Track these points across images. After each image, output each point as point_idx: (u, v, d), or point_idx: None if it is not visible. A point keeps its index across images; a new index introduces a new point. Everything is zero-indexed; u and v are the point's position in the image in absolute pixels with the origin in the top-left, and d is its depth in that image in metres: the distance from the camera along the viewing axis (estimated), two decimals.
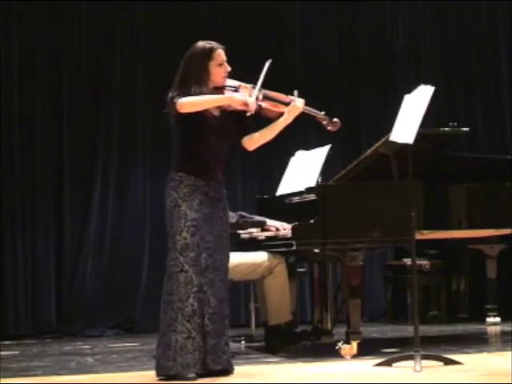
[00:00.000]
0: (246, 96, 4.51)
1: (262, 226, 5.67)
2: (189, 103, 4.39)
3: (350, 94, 8.37)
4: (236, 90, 4.59)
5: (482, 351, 5.31)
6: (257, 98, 4.53)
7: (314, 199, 5.33)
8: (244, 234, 5.87)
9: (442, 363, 4.65)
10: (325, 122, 4.84)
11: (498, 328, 6.94)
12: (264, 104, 4.60)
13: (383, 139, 5.37)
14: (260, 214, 6.06)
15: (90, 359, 5.60)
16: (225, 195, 4.62)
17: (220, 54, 4.58)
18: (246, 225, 5.70)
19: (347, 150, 8.01)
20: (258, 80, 4.61)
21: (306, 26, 8.30)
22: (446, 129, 5.82)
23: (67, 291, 7.52)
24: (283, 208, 5.86)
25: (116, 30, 7.83)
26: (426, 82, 4.86)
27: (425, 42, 8.59)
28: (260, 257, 5.63)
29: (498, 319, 7.17)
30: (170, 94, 4.48)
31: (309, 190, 5.46)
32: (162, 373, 4.39)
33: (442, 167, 5.95)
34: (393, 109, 5.36)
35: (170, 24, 7.87)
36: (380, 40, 8.46)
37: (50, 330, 7.35)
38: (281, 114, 4.65)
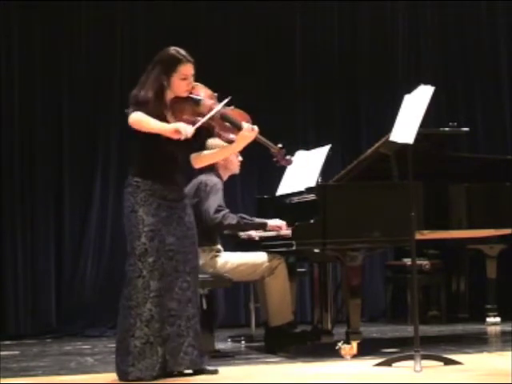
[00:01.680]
0: (179, 124, 4.37)
1: (264, 228, 5.66)
2: (137, 122, 4.38)
3: (350, 94, 8.37)
4: (197, 104, 4.49)
5: (482, 351, 5.31)
6: (212, 118, 4.44)
7: (314, 199, 5.32)
8: (244, 235, 5.86)
9: (442, 363, 4.65)
10: (278, 157, 4.73)
11: (498, 328, 6.94)
12: (216, 126, 4.50)
13: (383, 139, 5.38)
14: (260, 214, 6.06)
15: (89, 359, 5.60)
16: (185, 195, 4.62)
17: (187, 68, 4.47)
18: (246, 227, 5.69)
19: (347, 150, 8.01)
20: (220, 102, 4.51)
21: (306, 26, 8.30)
22: (446, 129, 5.82)
23: (67, 291, 7.52)
24: (283, 208, 5.86)
25: (116, 30, 7.83)
26: (425, 82, 4.86)
27: (425, 42, 8.59)
28: (260, 257, 5.62)
29: (498, 319, 7.18)
30: (130, 97, 4.47)
31: (309, 190, 5.46)
32: (122, 378, 4.39)
33: (442, 167, 5.95)
34: (393, 109, 5.36)
35: (170, 24, 7.88)
36: (380, 40, 8.46)
37: (50, 329, 7.35)
38: (230, 141, 4.61)
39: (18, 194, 7.45)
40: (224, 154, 4.85)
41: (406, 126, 4.70)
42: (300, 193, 5.61)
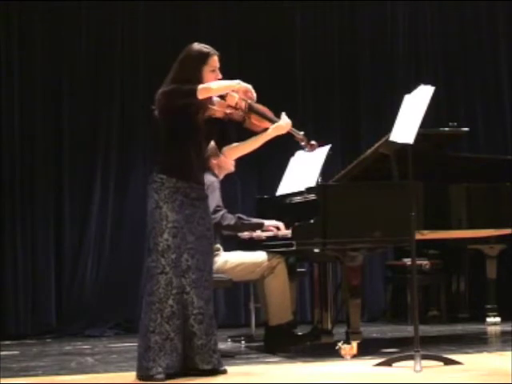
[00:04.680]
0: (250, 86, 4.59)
1: (261, 228, 5.67)
2: (207, 89, 4.44)
3: (350, 95, 8.37)
4: (223, 97, 4.61)
5: (481, 351, 5.31)
6: (244, 109, 4.61)
7: (314, 199, 5.32)
8: (244, 235, 5.86)
9: (442, 363, 4.64)
10: (303, 143, 4.99)
11: (497, 328, 6.94)
12: (250, 117, 4.66)
13: (383, 139, 5.38)
14: (259, 214, 6.06)
15: (89, 359, 5.60)
16: (206, 196, 4.67)
17: (215, 60, 4.58)
18: (244, 227, 5.69)
19: (347, 150, 8.01)
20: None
21: (306, 26, 8.31)
22: (446, 129, 5.82)
23: (67, 291, 7.52)
24: (283, 208, 5.86)
25: (116, 30, 7.83)
26: (426, 82, 4.86)
27: (425, 42, 8.59)
28: (260, 257, 5.62)
29: (498, 319, 7.18)
30: (163, 92, 4.49)
31: (309, 190, 5.45)
32: (141, 373, 4.40)
33: (442, 167, 5.95)
34: (393, 109, 5.36)
35: (170, 24, 7.88)
36: (380, 40, 8.46)
37: (50, 329, 7.36)
38: (264, 130, 4.75)
39: (18, 194, 7.45)
40: (257, 143, 4.87)
41: (406, 126, 4.70)
42: (300, 193, 5.61)
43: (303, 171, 5.87)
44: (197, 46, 4.60)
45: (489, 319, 7.19)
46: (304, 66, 8.25)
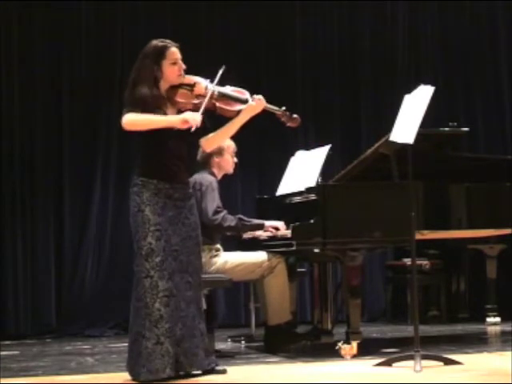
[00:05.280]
0: (186, 113, 4.41)
1: (261, 229, 5.67)
2: (133, 123, 4.36)
3: (350, 95, 8.37)
4: (191, 87, 4.51)
5: (481, 351, 5.31)
6: (211, 96, 4.48)
7: (314, 199, 5.32)
8: (248, 235, 5.86)
9: (442, 363, 4.64)
10: (284, 119, 4.78)
11: (497, 328, 6.94)
12: (218, 103, 4.54)
13: (383, 139, 5.38)
14: (259, 214, 6.06)
15: (89, 359, 5.60)
16: (191, 195, 4.59)
17: (173, 52, 4.48)
18: (244, 228, 5.69)
19: (347, 150, 8.01)
20: (215, 76, 4.54)
21: (306, 26, 8.31)
22: (446, 129, 5.82)
23: (67, 291, 7.52)
24: (283, 208, 5.86)
25: (116, 30, 7.83)
26: (426, 82, 4.86)
27: (425, 42, 8.59)
28: (260, 257, 5.62)
29: (498, 319, 7.18)
30: (124, 98, 4.45)
31: (309, 190, 5.45)
32: (133, 378, 4.38)
33: (441, 167, 5.95)
34: (393, 109, 5.36)
35: (170, 24, 7.87)
36: (380, 40, 8.46)
37: (50, 329, 7.36)
38: (237, 113, 4.60)
39: (18, 194, 7.45)
40: (232, 129, 4.66)
41: (405, 126, 4.70)
42: (300, 193, 5.61)
43: (303, 171, 5.87)
44: (153, 42, 4.52)
45: (489, 319, 7.19)
46: (304, 66, 8.25)
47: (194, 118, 4.36)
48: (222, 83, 4.57)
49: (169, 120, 4.40)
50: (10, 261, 7.37)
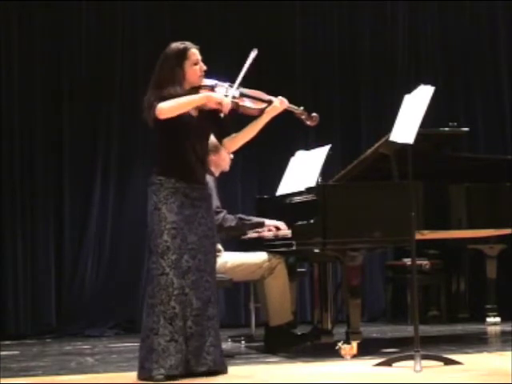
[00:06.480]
0: (221, 95, 4.48)
1: (262, 227, 5.66)
2: (168, 108, 4.37)
3: (350, 94, 8.37)
4: (212, 88, 4.56)
5: (481, 351, 5.31)
6: (234, 97, 4.52)
7: (314, 199, 5.32)
8: (252, 235, 5.85)
9: (442, 363, 4.64)
10: (303, 117, 4.85)
11: (497, 328, 6.94)
12: (242, 102, 4.58)
13: (383, 139, 5.38)
14: (259, 214, 6.05)
15: (89, 359, 5.60)
16: (208, 195, 4.62)
17: (194, 53, 4.53)
18: (245, 227, 5.69)
19: (347, 150, 8.01)
20: (237, 78, 4.60)
21: (306, 26, 8.30)
22: (446, 129, 5.82)
23: (67, 291, 7.52)
24: (283, 208, 5.86)
25: (116, 30, 7.83)
26: (425, 82, 4.86)
27: (425, 42, 8.59)
28: (260, 257, 5.62)
29: (498, 319, 7.18)
30: (147, 99, 4.46)
31: (309, 190, 5.45)
32: (145, 375, 4.38)
33: (441, 167, 5.95)
34: (393, 109, 5.36)
35: (170, 24, 7.87)
36: (380, 40, 8.47)
37: (50, 329, 7.36)
38: (261, 112, 4.65)
39: (18, 194, 7.45)
40: (255, 129, 4.70)
41: (405, 126, 4.70)
42: (300, 193, 5.61)
43: (303, 171, 5.87)
44: (174, 44, 4.56)
45: (489, 319, 7.19)
46: (304, 66, 8.24)
47: (228, 103, 4.42)
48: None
49: (206, 96, 4.44)
50: (10, 261, 7.37)
